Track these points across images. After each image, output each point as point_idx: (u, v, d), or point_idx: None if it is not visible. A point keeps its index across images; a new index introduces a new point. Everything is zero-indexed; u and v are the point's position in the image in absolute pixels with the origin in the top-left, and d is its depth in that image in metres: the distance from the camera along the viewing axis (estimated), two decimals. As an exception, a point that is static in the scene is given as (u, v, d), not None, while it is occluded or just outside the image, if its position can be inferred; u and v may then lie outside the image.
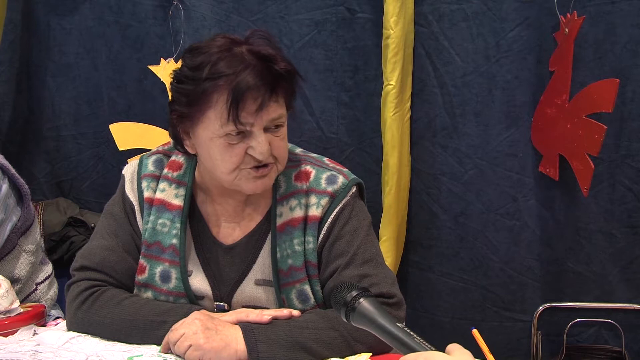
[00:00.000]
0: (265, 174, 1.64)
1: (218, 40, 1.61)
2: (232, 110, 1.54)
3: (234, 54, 1.57)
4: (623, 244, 2.49)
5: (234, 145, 1.59)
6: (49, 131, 3.03)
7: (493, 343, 1.23)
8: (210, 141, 1.60)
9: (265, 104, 1.56)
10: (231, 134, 1.57)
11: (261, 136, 1.58)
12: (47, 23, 2.96)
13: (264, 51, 1.58)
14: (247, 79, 1.54)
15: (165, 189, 1.73)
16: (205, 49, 1.60)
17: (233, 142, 1.58)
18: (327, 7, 2.65)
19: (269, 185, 1.68)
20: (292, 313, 1.63)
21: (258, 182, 1.64)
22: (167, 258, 1.71)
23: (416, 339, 1.17)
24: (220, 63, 1.56)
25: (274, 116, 1.59)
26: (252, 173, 1.62)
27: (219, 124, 1.57)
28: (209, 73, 1.55)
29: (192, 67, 1.59)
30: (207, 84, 1.55)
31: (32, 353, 1.54)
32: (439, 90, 2.60)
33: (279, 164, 1.66)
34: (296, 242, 1.68)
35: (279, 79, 1.58)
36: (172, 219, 1.72)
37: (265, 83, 1.55)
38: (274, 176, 1.67)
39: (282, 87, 1.60)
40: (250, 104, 1.55)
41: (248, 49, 1.59)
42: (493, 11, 2.50)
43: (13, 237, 2.02)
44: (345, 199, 1.71)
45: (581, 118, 2.32)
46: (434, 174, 2.65)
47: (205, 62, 1.57)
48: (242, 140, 1.59)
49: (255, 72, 1.55)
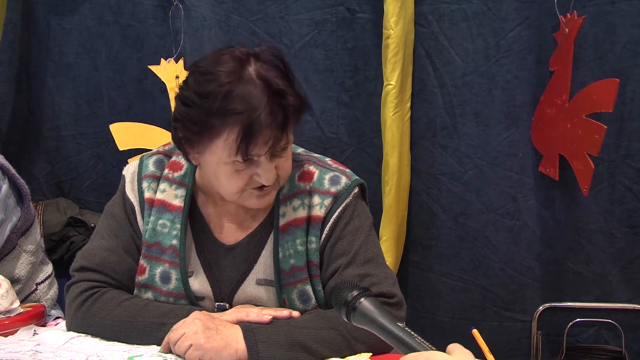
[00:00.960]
0: (269, 193, 1.65)
1: (225, 63, 1.56)
2: (242, 146, 1.53)
3: (244, 82, 1.53)
4: (623, 244, 2.49)
5: (240, 171, 1.58)
6: (49, 131, 3.03)
7: (493, 343, 1.23)
8: (216, 165, 1.60)
9: (277, 143, 1.55)
10: (238, 162, 1.57)
11: (268, 164, 1.58)
12: (47, 23, 2.96)
13: (274, 84, 1.55)
14: (260, 119, 1.51)
15: (165, 190, 1.73)
16: (214, 75, 1.54)
17: (240, 168, 1.58)
18: (327, 7, 2.65)
19: (271, 201, 1.68)
20: (291, 313, 1.63)
21: (261, 200, 1.65)
22: (167, 259, 1.71)
23: (417, 338, 1.17)
24: (231, 96, 1.51)
25: (283, 146, 1.59)
26: (256, 193, 1.63)
27: (227, 154, 1.55)
28: (220, 107, 1.52)
29: (201, 95, 1.54)
30: (217, 120, 1.53)
31: (32, 353, 1.54)
32: (439, 90, 2.60)
33: (282, 179, 1.66)
34: (299, 242, 1.69)
35: (289, 115, 1.56)
36: (172, 220, 1.72)
37: (277, 123, 1.53)
38: (275, 193, 1.68)
39: (292, 120, 1.59)
40: (261, 143, 1.54)
41: (257, 73, 1.55)
42: (493, 11, 2.50)
43: (13, 237, 2.02)
44: (347, 199, 1.71)
45: (581, 118, 2.32)
46: (434, 174, 2.65)
47: (214, 92, 1.52)
48: (249, 167, 1.58)
49: (268, 111, 1.52)
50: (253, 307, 1.66)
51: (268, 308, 1.66)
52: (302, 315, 1.66)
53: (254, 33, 2.71)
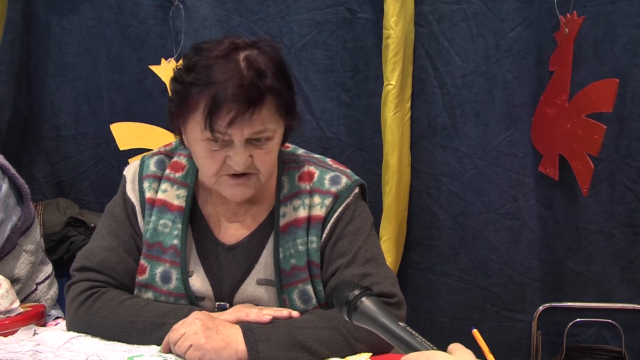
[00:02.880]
0: (244, 183, 1.63)
1: (221, 44, 1.59)
2: (208, 119, 1.53)
3: (228, 60, 1.55)
4: (623, 244, 2.50)
5: (214, 151, 1.59)
6: (49, 131, 3.02)
7: (493, 343, 1.23)
8: (194, 142, 1.61)
9: (239, 118, 1.53)
10: (212, 141, 1.57)
11: (240, 148, 1.57)
12: (47, 23, 2.96)
13: (256, 64, 1.56)
14: (227, 91, 1.52)
15: (167, 190, 1.73)
16: (206, 51, 1.58)
17: (214, 148, 1.58)
18: (328, 7, 2.65)
19: (249, 194, 1.66)
20: (291, 314, 1.63)
21: (236, 189, 1.63)
22: (168, 259, 1.71)
23: (418, 338, 1.17)
24: (210, 69, 1.54)
25: (256, 130, 1.57)
26: (230, 181, 1.62)
27: (199, 129, 1.56)
28: (196, 78, 1.55)
29: (187, 67, 1.58)
30: (192, 89, 1.55)
31: (32, 353, 1.54)
32: (439, 91, 2.60)
33: (262, 176, 1.64)
34: (299, 242, 1.69)
35: (262, 95, 1.55)
36: (173, 220, 1.72)
37: (244, 97, 1.52)
38: (254, 186, 1.65)
39: (267, 103, 1.56)
40: (224, 116, 1.53)
41: (245, 57, 1.56)
42: (493, 11, 2.50)
43: (13, 237, 2.01)
44: (348, 199, 1.71)
45: (581, 118, 2.32)
46: (434, 174, 2.65)
47: (198, 64, 1.56)
48: (222, 148, 1.58)
49: (238, 85, 1.52)
50: (253, 306, 1.66)
51: (268, 308, 1.66)
52: (302, 315, 1.66)
53: (255, 33, 2.71)
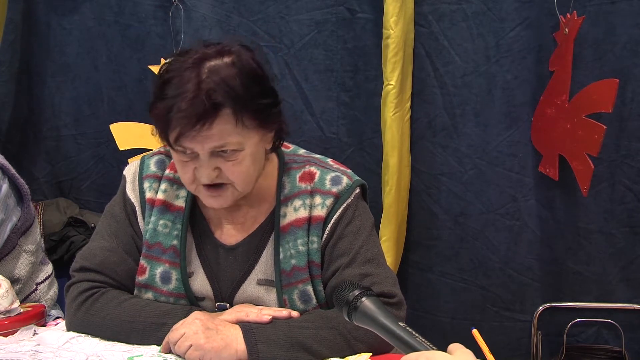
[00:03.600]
0: (219, 194, 1.63)
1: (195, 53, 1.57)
2: (163, 133, 1.56)
3: (190, 72, 1.53)
4: (623, 244, 2.49)
5: (185, 162, 1.59)
6: (49, 131, 3.03)
7: (493, 343, 1.23)
8: (173, 154, 1.63)
9: (187, 133, 1.52)
10: (183, 152, 1.58)
11: (204, 161, 1.57)
12: (47, 23, 2.96)
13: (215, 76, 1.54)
14: (175, 107, 1.51)
15: (167, 190, 1.73)
16: (176, 62, 1.57)
17: (184, 159, 1.59)
18: (327, 7, 2.65)
19: (227, 204, 1.65)
20: (291, 314, 1.63)
21: (212, 200, 1.64)
22: (168, 259, 1.71)
23: (418, 338, 1.17)
24: (169, 83, 1.54)
25: (215, 145, 1.55)
26: (204, 191, 1.62)
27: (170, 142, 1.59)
28: (156, 91, 1.56)
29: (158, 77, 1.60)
30: (154, 101, 1.57)
31: (32, 353, 1.54)
32: (439, 90, 2.60)
33: (238, 185, 1.62)
34: (300, 242, 1.68)
35: (211, 110, 1.52)
36: (173, 220, 1.72)
37: (192, 113, 1.51)
38: (231, 197, 1.64)
39: (220, 117, 1.53)
40: (173, 131, 1.53)
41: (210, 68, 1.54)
42: (493, 11, 2.50)
43: (13, 237, 2.01)
44: (349, 199, 1.71)
45: (581, 118, 2.32)
46: (434, 174, 2.65)
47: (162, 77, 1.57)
48: (191, 160, 1.58)
49: (186, 100, 1.51)
50: (253, 306, 1.66)
51: (268, 308, 1.66)
52: (302, 315, 1.65)
53: (255, 33, 2.71)
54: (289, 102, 2.68)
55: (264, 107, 1.60)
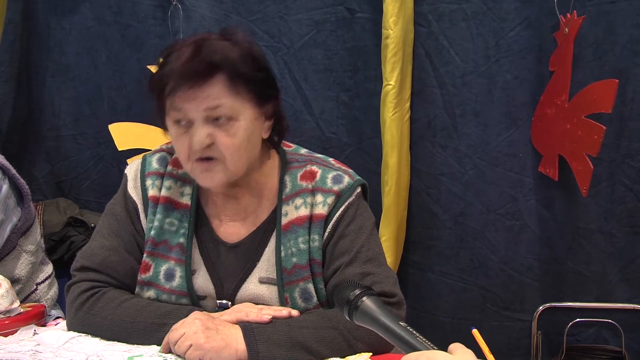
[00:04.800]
0: (210, 169, 1.63)
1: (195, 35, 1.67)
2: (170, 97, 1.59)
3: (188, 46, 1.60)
4: (623, 244, 2.50)
5: (181, 134, 1.62)
6: (49, 131, 3.02)
7: (493, 343, 1.23)
8: (170, 129, 1.65)
9: (185, 89, 1.58)
10: (178, 123, 1.61)
11: (198, 126, 1.59)
12: (47, 23, 2.96)
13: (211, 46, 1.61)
14: (174, 67, 1.58)
15: (171, 187, 1.74)
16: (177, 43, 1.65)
17: (181, 131, 1.62)
18: (327, 6, 2.65)
19: (218, 181, 1.65)
20: (290, 313, 1.63)
21: (205, 175, 1.64)
22: (174, 256, 1.71)
23: (419, 338, 1.17)
24: (171, 54, 1.61)
25: (209, 105, 1.58)
26: (199, 167, 1.63)
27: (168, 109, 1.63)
28: (159, 64, 1.63)
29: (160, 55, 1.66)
30: (157, 74, 1.63)
31: (32, 353, 1.54)
32: (439, 90, 2.60)
33: (228, 162, 1.63)
34: (301, 241, 1.69)
35: (207, 69, 1.58)
36: (180, 219, 1.72)
37: (190, 70, 1.57)
38: (222, 174, 1.64)
39: (215, 77, 1.59)
40: (172, 89, 1.58)
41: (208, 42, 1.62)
42: (493, 11, 2.50)
43: (13, 238, 2.01)
44: (350, 198, 1.71)
45: (580, 118, 2.32)
46: (434, 174, 2.65)
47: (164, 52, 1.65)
48: (187, 130, 1.61)
49: (185, 61, 1.58)
50: (252, 306, 1.66)
51: (268, 307, 1.66)
52: (302, 314, 1.66)
53: (254, 33, 2.71)
54: (288, 102, 2.68)
55: (259, 80, 1.64)
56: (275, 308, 1.66)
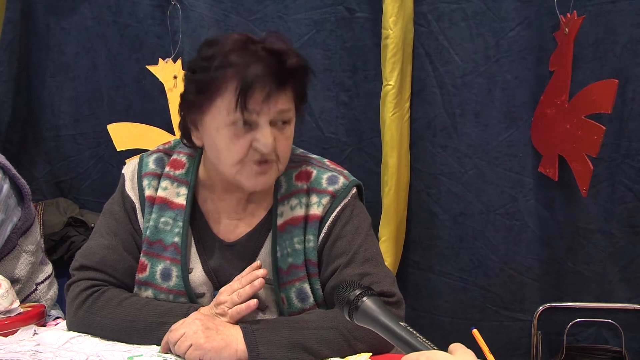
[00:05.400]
0: (266, 171, 1.64)
1: (235, 36, 1.64)
2: (241, 97, 1.56)
3: (246, 48, 1.60)
4: (623, 244, 2.49)
5: (239, 136, 1.60)
6: (49, 131, 3.02)
7: (493, 343, 1.23)
8: (216, 131, 1.61)
9: (273, 93, 1.58)
10: (237, 124, 1.58)
11: (267, 128, 1.59)
12: (46, 23, 2.95)
13: (276, 46, 1.60)
14: (256, 69, 1.56)
15: (167, 188, 1.74)
16: (221, 41, 1.63)
17: (239, 133, 1.59)
18: (326, 6, 2.65)
19: (269, 183, 1.68)
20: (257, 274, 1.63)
21: (259, 178, 1.64)
22: (169, 256, 1.71)
23: (419, 338, 1.17)
24: (231, 54, 1.58)
25: (283, 108, 1.61)
26: (255, 168, 1.62)
27: (226, 112, 1.58)
28: (219, 62, 1.58)
29: (205, 58, 1.62)
30: (217, 73, 1.58)
31: (32, 353, 1.54)
32: (439, 90, 2.60)
33: (280, 163, 1.66)
34: (296, 241, 1.69)
35: (288, 73, 1.59)
36: (174, 218, 1.72)
37: (274, 74, 1.57)
38: (274, 176, 1.67)
39: (292, 81, 1.61)
40: (258, 92, 1.56)
41: (262, 47, 1.60)
42: (493, 11, 2.50)
43: (13, 237, 2.01)
44: (346, 199, 1.72)
45: (580, 118, 2.32)
46: (434, 174, 2.64)
47: (217, 53, 1.60)
48: (247, 132, 1.60)
49: (265, 64, 1.57)
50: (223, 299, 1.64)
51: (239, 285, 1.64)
52: (302, 315, 1.67)
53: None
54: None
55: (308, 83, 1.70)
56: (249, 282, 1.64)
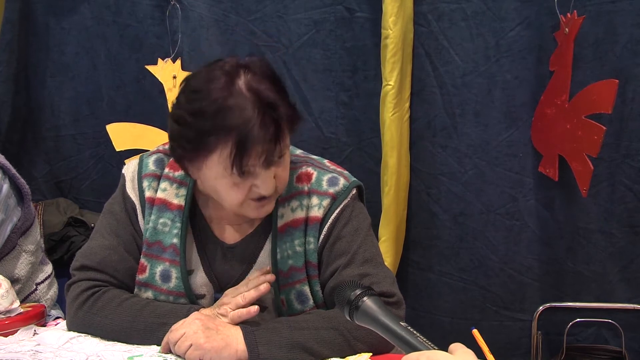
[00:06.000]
0: (268, 203, 1.65)
1: (216, 80, 1.56)
2: (236, 162, 1.53)
3: (234, 96, 1.53)
4: (623, 244, 2.49)
5: (238, 184, 1.58)
6: (48, 131, 3.02)
7: (493, 343, 1.23)
8: (214, 180, 1.60)
9: (270, 156, 1.56)
10: (235, 175, 1.56)
11: (265, 174, 1.58)
12: (45, 23, 2.95)
13: (265, 96, 1.54)
14: (252, 134, 1.51)
15: (166, 189, 1.73)
16: (205, 92, 1.55)
17: (237, 181, 1.58)
18: (326, 6, 2.65)
19: (271, 210, 1.68)
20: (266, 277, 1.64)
21: (261, 210, 1.65)
22: (168, 257, 1.71)
23: (419, 338, 1.17)
24: (221, 113, 1.52)
25: (278, 154, 1.59)
26: (255, 204, 1.63)
27: (222, 169, 1.56)
28: (212, 125, 1.52)
29: (193, 113, 1.55)
30: (210, 138, 1.53)
31: (32, 353, 1.54)
32: (439, 90, 2.60)
33: (280, 190, 1.66)
34: (297, 243, 1.69)
35: (282, 126, 1.56)
36: (172, 219, 1.72)
37: (269, 136, 1.53)
38: (274, 201, 1.68)
39: (285, 132, 1.59)
40: (254, 156, 1.54)
41: (247, 86, 1.54)
42: (493, 10, 2.50)
43: (13, 237, 2.01)
44: (346, 200, 1.72)
45: (580, 119, 2.32)
46: (434, 174, 2.64)
47: (205, 110, 1.53)
48: (247, 179, 1.58)
49: (258, 125, 1.52)
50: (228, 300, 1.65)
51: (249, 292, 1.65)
52: (302, 315, 1.67)
53: (252, 33, 2.71)
54: (287, 102, 2.67)
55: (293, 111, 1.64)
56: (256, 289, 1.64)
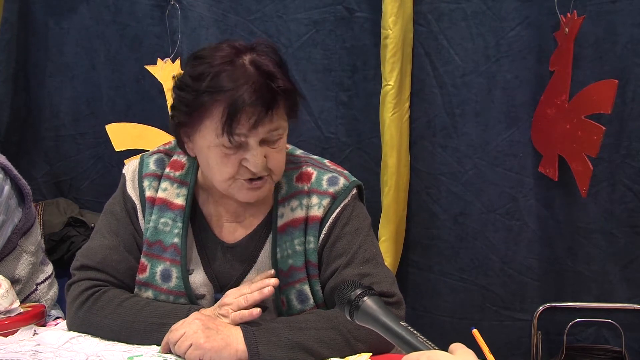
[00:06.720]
0: (259, 187, 1.64)
1: (222, 50, 1.60)
2: (227, 125, 1.54)
3: (235, 66, 1.56)
4: (623, 244, 2.49)
5: (229, 155, 1.59)
6: (48, 131, 3.02)
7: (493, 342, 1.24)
8: (207, 149, 1.61)
9: (260, 121, 1.56)
10: (226, 145, 1.58)
11: (256, 149, 1.59)
12: (45, 23, 2.96)
13: (265, 67, 1.58)
14: (244, 96, 1.53)
15: (167, 189, 1.73)
16: (208, 58, 1.59)
17: (229, 152, 1.59)
18: (326, 6, 2.65)
19: (262, 196, 1.68)
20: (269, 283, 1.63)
21: (251, 193, 1.65)
22: (168, 257, 1.71)
23: (419, 337, 1.17)
24: (220, 76, 1.55)
25: (271, 128, 1.59)
26: (246, 185, 1.63)
27: (214, 135, 1.57)
28: (208, 86, 1.55)
29: (193, 76, 1.59)
30: (205, 97, 1.56)
31: (32, 353, 1.54)
32: (439, 90, 2.60)
33: (274, 175, 1.66)
34: (297, 242, 1.69)
35: (276, 97, 1.57)
36: (173, 219, 1.72)
37: (261, 101, 1.55)
38: (268, 188, 1.67)
39: (280, 104, 1.59)
40: (244, 120, 1.55)
41: (251, 60, 1.58)
42: (493, 10, 2.50)
43: (14, 238, 2.02)
44: (346, 200, 1.72)
45: (580, 119, 2.32)
46: (434, 174, 2.64)
47: (206, 72, 1.57)
48: (237, 151, 1.59)
49: (253, 89, 1.54)
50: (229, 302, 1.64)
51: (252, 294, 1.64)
52: (302, 315, 1.67)
53: (252, 33, 2.71)
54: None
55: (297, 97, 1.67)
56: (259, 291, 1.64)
